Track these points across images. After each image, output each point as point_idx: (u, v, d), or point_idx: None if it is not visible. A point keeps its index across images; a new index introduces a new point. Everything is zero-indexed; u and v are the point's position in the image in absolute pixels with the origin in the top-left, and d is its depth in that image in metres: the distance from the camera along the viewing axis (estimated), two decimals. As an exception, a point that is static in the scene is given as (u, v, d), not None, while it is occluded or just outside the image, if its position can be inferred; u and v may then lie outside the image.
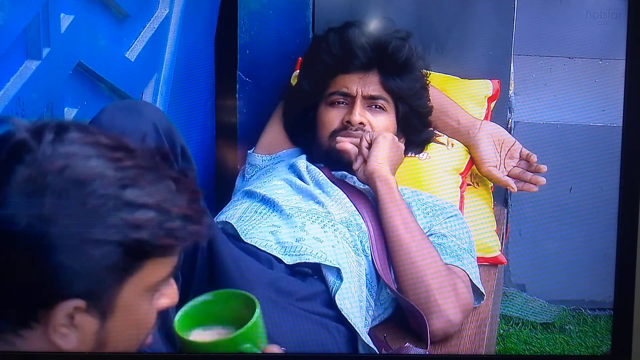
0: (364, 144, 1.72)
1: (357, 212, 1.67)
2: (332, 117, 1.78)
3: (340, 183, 1.74)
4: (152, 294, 1.05)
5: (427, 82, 1.83)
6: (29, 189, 0.98)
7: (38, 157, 0.98)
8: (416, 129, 1.83)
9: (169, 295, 1.08)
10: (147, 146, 1.07)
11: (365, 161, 1.71)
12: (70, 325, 1.00)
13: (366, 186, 1.72)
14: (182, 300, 1.42)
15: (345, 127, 1.76)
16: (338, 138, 1.75)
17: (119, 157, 1.01)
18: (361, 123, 1.75)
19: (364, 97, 1.77)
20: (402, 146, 1.78)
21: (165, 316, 1.29)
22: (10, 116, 1.25)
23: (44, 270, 0.98)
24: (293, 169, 1.78)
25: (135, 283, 1.02)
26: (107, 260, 0.99)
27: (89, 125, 1.08)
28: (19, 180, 0.98)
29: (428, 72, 1.85)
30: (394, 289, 1.59)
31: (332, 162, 1.76)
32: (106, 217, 0.99)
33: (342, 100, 1.78)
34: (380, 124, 1.77)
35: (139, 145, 1.05)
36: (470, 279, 1.63)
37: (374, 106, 1.78)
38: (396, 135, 1.80)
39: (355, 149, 1.72)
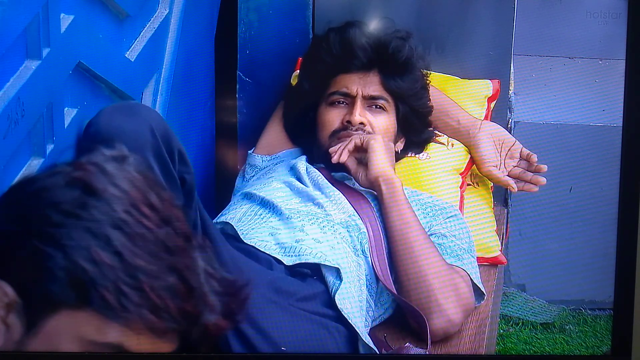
0: (352, 145, 1.71)
1: (356, 214, 1.67)
2: (333, 117, 1.78)
3: (340, 185, 1.74)
4: (90, 349, 1.00)
5: (428, 82, 1.83)
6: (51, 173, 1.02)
7: (85, 159, 1.02)
8: (416, 129, 1.83)
9: None
10: (193, 245, 1.03)
11: (364, 165, 1.71)
12: (4, 320, 0.99)
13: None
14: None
15: (346, 127, 1.76)
16: (331, 149, 1.74)
17: (146, 214, 1.00)
18: (361, 123, 1.75)
19: (364, 97, 1.77)
20: (392, 146, 1.77)
21: None
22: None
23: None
24: (293, 170, 1.77)
25: (71, 321, 0.98)
26: (50, 263, 0.97)
27: (152, 178, 1.07)
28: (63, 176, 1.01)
29: (428, 72, 1.84)
30: (393, 291, 1.59)
31: (332, 162, 1.75)
32: (80, 231, 0.98)
33: (342, 100, 1.78)
34: (381, 124, 1.77)
35: (186, 233, 1.03)
36: (470, 278, 1.63)
37: (374, 106, 1.77)
38: (396, 136, 1.80)
39: (350, 159, 1.72)
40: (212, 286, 1.02)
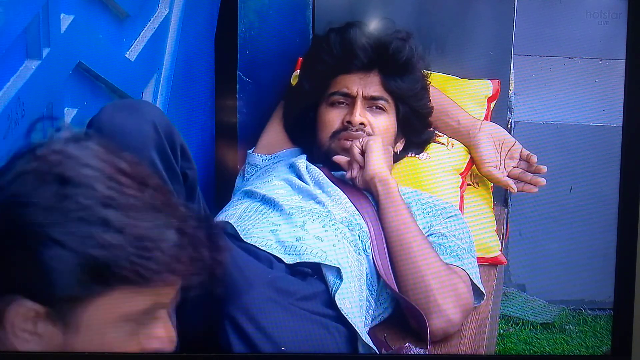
0: (356, 150, 1.71)
1: (357, 212, 1.67)
2: (333, 118, 1.78)
3: (340, 183, 1.74)
4: (133, 327, 1.01)
5: (428, 82, 1.83)
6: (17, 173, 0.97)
7: (44, 150, 0.98)
8: (416, 130, 1.83)
9: (159, 337, 1.03)
10: (170, 193, 1.04)
11: (361, 167, 1.71)
12: (34, 332, 0.98)
13: (366, 186, 1.72)
14: (181, 301, 1.42)
15: (346, 128, 1.76)
16: (334, 150, 1.75)
17: (125, 183, 0.99)
18: (362, 123, 1.75)
19: (365, 98, 1.77)
20: (391, 149, 1.77)
21: None
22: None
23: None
24: (293, 168, 1.78)
25: (103, 306, 0.98)
26: (59, 264, 0.96)
27: (114, 147, 1.04)
28: (20, 171, 0.97)
29: (429, 72, 1.85)
30: (395, 289, 1.59)
31: (333, 162, 1.75)
32: (74, 222, 0.96)
33: (342, 100, 1.78)
34: (381, 125, 1.77)
35: (161, 186, 1.03)
36: (470, 278, 1.63)
37: (374, 107, 1.77)
38: (396, 136, 1.80)
39: (348, 159, 1.72)
40: (199, 227, 1.04)
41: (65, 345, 0.99)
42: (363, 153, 1.71)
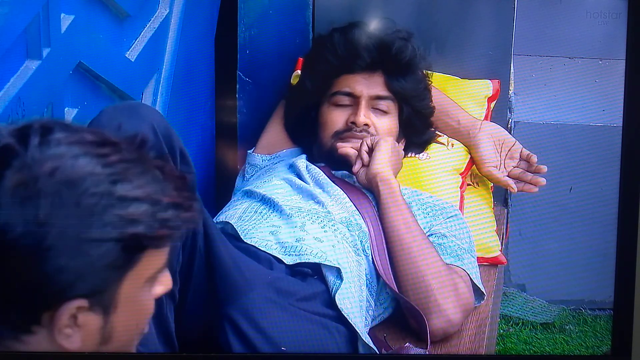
0: (365, 148, 1.71)
1: (357, 212, 1.67)
2: (335, 117, 1.78)
3: (341, 182, 1.74)
4: (150, 283, 1.05)
5: (430, 82, 1.83)
6: (21, 194, 0.97)
7: (27, 162, 0.97)
8: (418, 131, 1.83)
9: (163, 282, 1.08)
10: (128, 137, 1.05)
11: (365, 164, 1.71)
12: (74, 325, 1.00)
13: (367, 186, 1.72)
14: (181, 302, 1.42)
15: (350, 128, 1.75)
16: (339, 144, 1.75)
17: (105, 153, 1.00)
18: (366, 124, 1.75)
19: (369, 99, 1.76)
20: (402, 152, 1.78)
21: (160, 312, 1.29)
22: None
23: (44, 273, 0.97)
24: (293, 168, 1.78)
25: (135, 276, 1.02)
26: (107, 258, 0.99)
27: (71, 123, 1.07)
28: (10, 186, 0.97)
29: (431, 72, 1.84)
30: (395, 289, 1.59)
31: (334, 161, 1.75)
32: (101, 215, 0.98)
33: (346, 100, 1.78)
34: (384, 126, 1.77)
35: (120, 138, 1.04)
36: (470, 278, 1.63)
37: (378, 108, 1.77)
38: (397, 137, 1.80)
39: (356, 153, 1.72)
40: (182, 180, 1.07)
41: (104, 327, 1.02)
42: (371, 152, 1.71)
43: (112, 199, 0.98)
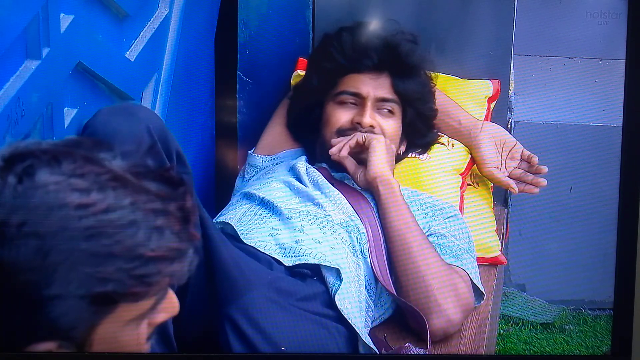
0: (353, 142, 1.70)
1: (355, 214, 1.67)
2: (340, 116, 1.77)
3: (340, 185, 1.73)
4: (138, 321, 0.99)
5: (433, 84, 1.83)
6: None
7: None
8: (420, 133, 1.83)
9: (165, 309, 1.02)
10: (128, 151, 1.01)
11: (350, 153, 1.70)
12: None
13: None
14: (180, 301, 1.42)
15: (355, 129, 1.75)
16: (333, 140, 1.74)
17: (87, 203, 0.93)
18: (371, 126, 1.74)
19: (375, 100, 1.76)
20: (394, 149, 1.77)
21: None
22: None
23: (11, 318, 0.93)
24: (292, 171, 1.77)
25: (111, 322, 0.96)
26: (71, 315, 0.93)
27: (58, 153, 0.97)
28: None
29: (435, 75, 1.84)
30: (392, 291, 1.59)
31: (335, 161, 1.75)
32: (68, 272, 0.91)
33: (351, 100, 1.77)
34: (389, 128, 1.76)
35: (120, 149, 1.00)
36: (470, 278, 1.63)
37: (383, 109, 1.77)
38: (399, 138, 1.79)
39: (349, 157, 1.72)
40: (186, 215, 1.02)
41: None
42: (361, 147, 1.71)
43: (82, 255, 0.92)
